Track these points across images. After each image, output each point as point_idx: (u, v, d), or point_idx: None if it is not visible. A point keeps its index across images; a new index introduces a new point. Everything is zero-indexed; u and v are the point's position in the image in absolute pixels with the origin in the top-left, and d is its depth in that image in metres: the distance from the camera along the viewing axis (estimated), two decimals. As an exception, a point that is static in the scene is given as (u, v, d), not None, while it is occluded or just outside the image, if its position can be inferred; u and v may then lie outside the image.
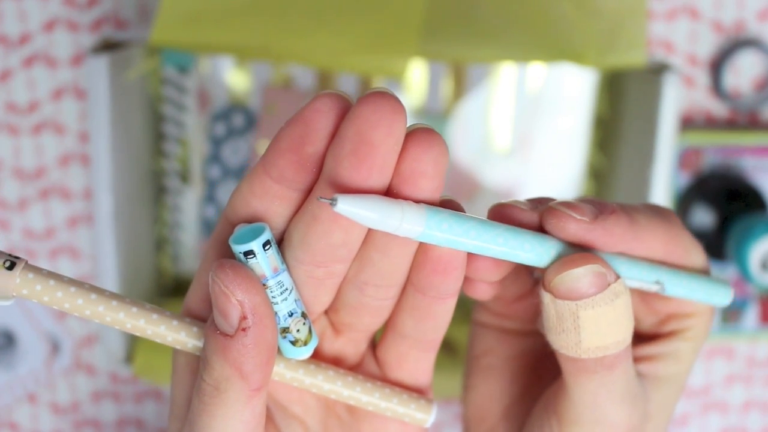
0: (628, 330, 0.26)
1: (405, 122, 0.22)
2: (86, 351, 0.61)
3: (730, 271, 0.60)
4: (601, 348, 0.26)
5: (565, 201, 0.26)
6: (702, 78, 0.59)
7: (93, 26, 0.56)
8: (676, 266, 0.28)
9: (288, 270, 0.24)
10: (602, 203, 0.27)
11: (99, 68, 0.47)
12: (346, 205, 0.22)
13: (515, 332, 0.32)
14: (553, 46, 0.49)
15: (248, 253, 0.23)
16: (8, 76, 0.56)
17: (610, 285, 0.25)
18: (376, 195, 0.22)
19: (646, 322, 0.30)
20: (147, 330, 0.24)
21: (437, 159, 0.23)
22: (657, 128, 0.50)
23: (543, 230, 0.26)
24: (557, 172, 0.57)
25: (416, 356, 0.28)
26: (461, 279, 0.25)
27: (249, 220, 0.24)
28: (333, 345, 0.28)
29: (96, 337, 0.60)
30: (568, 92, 0.56)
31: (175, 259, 0.59)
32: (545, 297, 0.26)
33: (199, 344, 0.25)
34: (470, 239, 0.24)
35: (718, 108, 0.60)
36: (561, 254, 0.26)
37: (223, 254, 0.25)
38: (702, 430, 0.65)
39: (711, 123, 0.60)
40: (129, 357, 0.51)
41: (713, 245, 0.58)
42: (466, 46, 0.49)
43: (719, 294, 0.29)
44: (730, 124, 0.60)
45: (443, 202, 0.24)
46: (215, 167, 0.56)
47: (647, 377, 0.29)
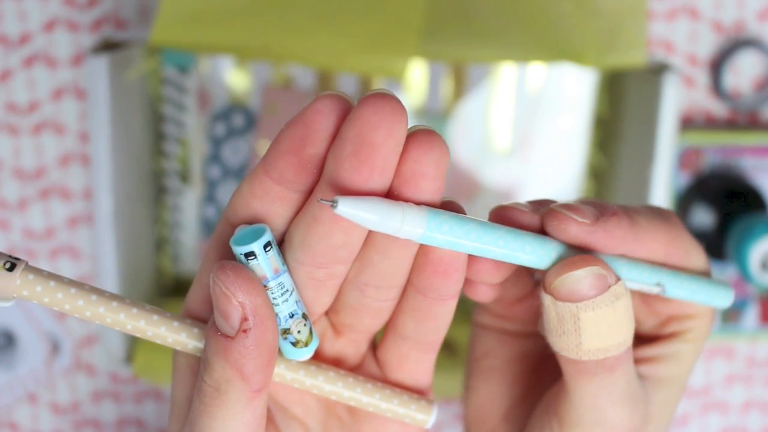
0: (629, 332, 0.26)
1: (406, 124, 0.22)
2: (86, 351, 0.61)
3: (730, 271, 0.60)
4: (602, 350, 0.26)
5: (566, 203, 0.26)
6: (702, 78, 0.59)
7: (93, 26, 0.56)
8: (677, 268, 0.28)
9: (289, 271, 0.24)
10: (603, 205, 0.27)
11: (99, 68, 0.47)
12: (347, 207, 0.22)
13: (516, 334, 0.32)
14: (553, 46, 0.49)
15: (249, 255, 0.23)
16: (8, 76, 0.56)
17: (611, 287, 0.25)
18: (377, 197, 0.22)
19: (647, 324, 0.30)
20: (147, 331, 0.24)
21: (438, 160, 0.23)
22: (657, 128, 0.50)
23: (544, 232, 0.26)
24: (557, 172, 0.57)
25: (417, 357, 0.28)
26: (462, 280, 0.25)
27: (249, 221, 0.24)
28: (333, 346, 0.28)
29: (96, 337, 0.60)
30: (568, 92, 0.56)
31: (175, 259, 0.59)
32: (546, 299, 0.26)
33: (200, 345, 0.25)
34: (471, 241, 0.24)
35: (718, 108, 0.60)
36: (562, 256, 0.26)
37: (224, 255, 0.25)
38: (702, 430, 0.65)
39: (711, 123, 0.60)
40: (129, 357, 0.52)
41: (713, 245, 0.58)
42: (466, 46, 0.49)
43: (720, 296, 0.29)
44: (730, 124, 0.60)
45: (444, 204, 0.24)
46: (215, 167, 0.56)
47: (648, 379, 0.29)
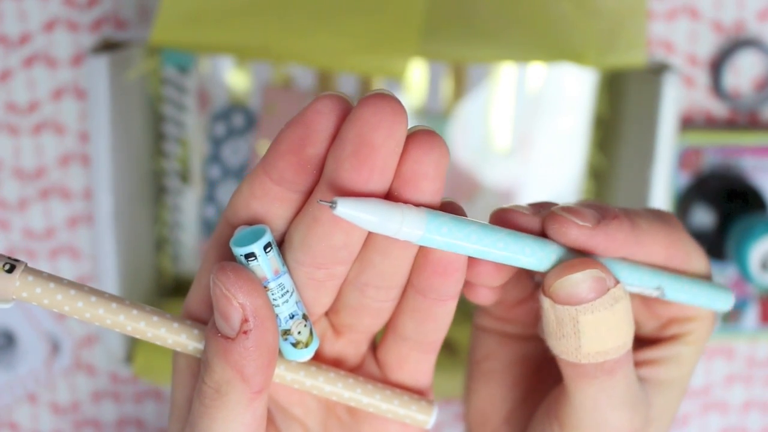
0: (629, 335, 0.26)
1: (406, 124, 0.22)
2: (86, 351, 0.61)
3: (730, 271, 0.60)
4: (601, 353, 0.26)
5: (567, 206, 0.26)
6: (702, 78, 0.59)
7: (93, 26, 0.56)
8: (678, 271, 0.28)
9: (289, 272, 0.24)
10: (605, 208, 0.27)
11: (99, 68, 0.47)
12: (346, 208, 0.22)
13: (516, 337, 0.32)
14: (553, 46, 0.49)
15: (249, 256, 0.23)
16: (8, 76, 0.56)
17: (610, 290, 0.25)
18: (376, 198, 0.22)
19: (648, 326, 0.30)
20: (147, 332, 0.24)
21: (438, 161, 0.23)
22: (657, 128, 0.50)
23: (545, 235, 0.26)
24: (557, 172, 0.57)
25: (417, 358, 0.28)
26: (462, 281, 0.25)
27: (249, 222, 0.24)
28: (333, 347, 0.28)
29: (96, 337, 0.60)
30: (568, 92, 0.56)
31: (175, 259, 0.59)
32: (545, 302, 0.26)
33: (200, 346, 0.25)
34: (470, 243, 0.24)
35: (718, 108, 0.60)
36: (562, 259, 0.26)
37: (224, 256, 0.25)
38: (702, 430, 0.65)
39: (711, 123, 0.60)
40: (129, 357, 0.52)
41: (713, 245, 0.58)
42: (466, 46, 0.49)
43: (720, 299, 0.29)
44: (730, 124, 0.60)
45: (444, 204, 0.24)
46: (215, 167, 0.56)
47: (649, 381, 0.29)
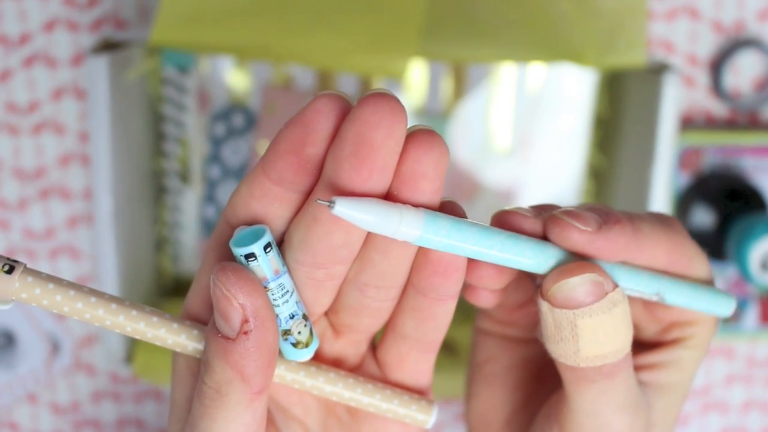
0: (627, 338, 0.26)
1: (405, 123, 0.22)
2: (86, 351, 0.61)
3: (730, 271, 0.60)
4: (600, 357, 0.26)
5: (569, 209, 0.26)
6: (702, 78, 0.59)
7: (93, 26, 0.56)
8: (680, 276, 0.28)
9: (288, 272, 0.24)
10: (607, 212, 0.26)
11: (99, 68, 0.47)
12: (344, 208, 0.22)
13: (517, 340, 0.32)
14: (553, 46, 0.49)
15: (249, 256, 0.23)
16: (8, 76, 0.56)
17: (608, 294, 0.25)
18: (375, 198, 0.22)
19: (649, 330, 0.30)
20: (147, 333, 0.24)
21: (438, 160, 0.23)
22: (657, 128, 0.50)
23: (546, 238, 0.26)
24: (557, 172, 0.57)
25: (416, 357, 0.28)
26: (461, 281, 0.25)
27: (249, 222, 0.24)
28: (333, 346, 0.28)
29: (96, 337, 0.60)
30: (568, 92, 0.56)
31: (175, 259, 0.59)
32: (543, 306, 0.26)
33: (200, 347, 0.25)
34: (468, 244, 0.24)
35: (718, 108, 0.60)
36: (561, 262, 0.26)
37: (223, 256, 0.25)
38: (702, 430, 0.65)
39: (711, 123, 0.60)
40: (129, 357, 0.52)
41: (713, 245, 0.58)
42: (466, 46, 0.49)
43: (721, 304, 0.28)
44: (730, 124, 0.60)
45: (443, 204, 0.24)
46: (215, 167, 0.56)
47: (650, 385, 0.29)
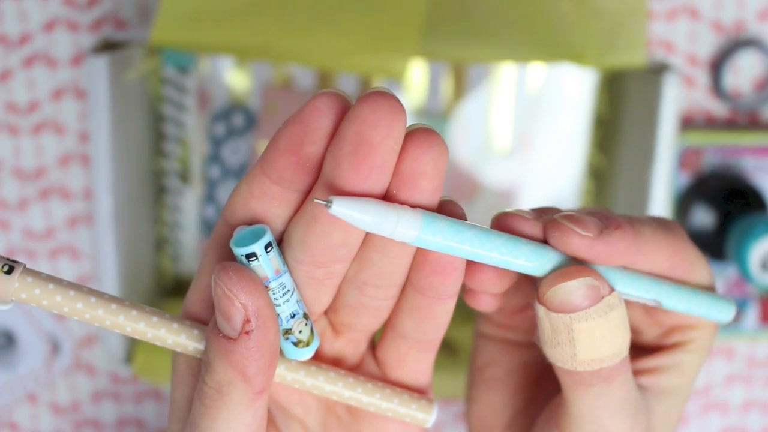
0: (624, 342, 0.26)
1: (404, 122, 0.22)
2: (86, 351, 0.61)
3: (730, 271, 0.60)
4: (597, 360, 0.25)
5: (570, 214, 0.26)
6: (702, 78, 0.59)
7: (93, 26, 0.56)
8: (680, 280, 0.28)
9: (289, 271, 0.24)
10: (608, 217, 0.26)
11: (99, 68, 0.47)
12: (341, 207, 0.21)
13: (518, 344, 0.32)
14: (553, 46, 0.49)
15: (250, 256, 0.23)
16: (8, 76, 0.56)
17: (604, 297, 0.25)
18: (372, 198, 0.22)
19: (650, 334, 0.30)
20: (147, 333, 0.24)
21: (437, 159, 0.23)
22: (657, 128, 0.50)
23: (546, 241, 0.26)
24: (557, 172, 0.57)
25: (416, 356, 0.28)
26: (461, 280, 0.25)
27: (248, 222, 0.24)
28: (333, 346, 0.28)
29: (96, 337, 0.60)
30: (568, 92, 0.56)
31: (175, 259, 0.59)
32: (539, 310, 0.26)
33: (200, 347, 0.25)
34: (465, 246, 0.24)
35: (718, 108, 0.60)
36: (560, 265, 0.26)
37: (223, 256, 0.25)
38: (702, 430, 0.65)
39: (711, 123, 0.60)
40: (129, 357, 0.52)
41: (713, 245, 0.58)
42: (466, 46, 0.49)
43: (721, 310, 0.28)
44: (730, 124, 0.60)
45: (443, 203, 0.24)
46: (215, 167, 0.56)
47: (650, 390, 0.29)
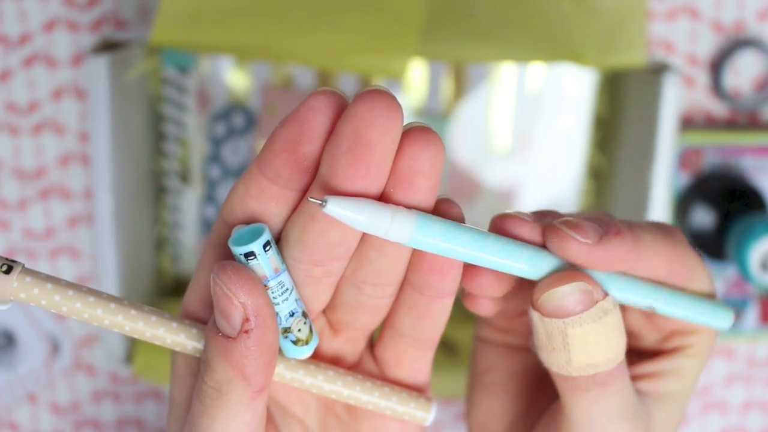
0: (620, 347, 0.26)
1: (402, 120, 0.22)
2: (86, 351, 0.61)
3: (730, 271, 0.60)
4: (592, 365, 0.25)
5: (569, 219, 0.26)
6: (702, 78, 0.59)
7: (93, 26, 0.56)
8: (679, 286, 0.28)
9: (287, 270, 0.24)
10: (607, 222, 0.26)
11: (99, 68, 0.47)
12: (336, 207, 0.21)
13: (518, 348, 0.32)
14: (553, 46, 0.49)
15: (249, 255, 0.23)
16: (8, 76, 0.56)
17: (598, 302, 0.25)
18: (368, 198, 0.22)
19: (649, 339, 0.29)
20: (146, 332, 0.24)
21: (434, 157, 0.23)
22: (657, 128, 0.50)
23: (544, 245, 0.26)
24: (557, 172, 0.57)
25: (414, 355, 0.28)
26: (458, 279, 0.25)
27: (246, 221, 0.24)
28: (331, 344, 0.28)
29: (96, 337, 0.60)
30: (568, 92, 0.56)
31: (175, 259, 0.59)
32: (534, 315, 0.26)
33: (199, 346, 0.25)
34: (460, 248, 0.23)
35: (718, 108, 0.60)
36: (557, 270, 0.25)
37: (221, 255, 0.25)
38: (702, 430, 0.65)
39: (711, 123, 0.60)
40: (129, 357, 0.52)
41: (713, 245, 0.58)
42: (466, 46, 0.49)
43: (719, 317, 0.28)
44: (730, 124, 0.60)
45: (440, 202, 0.24)
46: (215, 167, 0.56)
47: (649, 395, 0.28)
